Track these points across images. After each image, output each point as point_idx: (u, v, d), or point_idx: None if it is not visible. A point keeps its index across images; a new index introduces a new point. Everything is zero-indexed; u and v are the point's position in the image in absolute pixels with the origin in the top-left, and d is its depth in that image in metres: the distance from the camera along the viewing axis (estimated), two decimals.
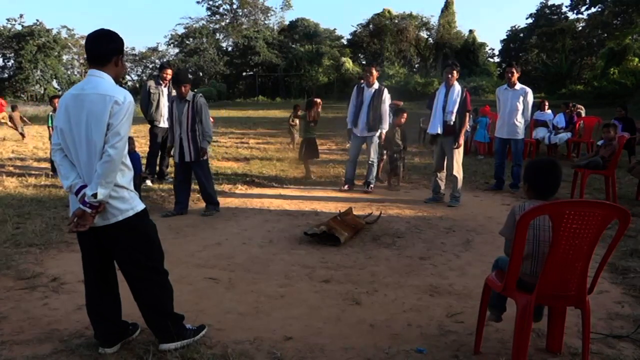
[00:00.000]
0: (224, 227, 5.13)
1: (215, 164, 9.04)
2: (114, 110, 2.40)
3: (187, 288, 3.56)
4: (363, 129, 6.70)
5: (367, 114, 6.65)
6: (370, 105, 6.64)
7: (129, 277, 2.66)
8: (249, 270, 3.92)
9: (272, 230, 5.00)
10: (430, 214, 5.67)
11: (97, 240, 2.59)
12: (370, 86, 6.68)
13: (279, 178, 7.76)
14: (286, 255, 4.30)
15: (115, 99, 2.41)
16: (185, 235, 4.85)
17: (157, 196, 6.34)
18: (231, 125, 16.37)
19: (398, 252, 4.39)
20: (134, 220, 2.59)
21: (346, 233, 4.62)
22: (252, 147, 11.46)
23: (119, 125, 2.40)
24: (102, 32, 2.51)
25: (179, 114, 5.28)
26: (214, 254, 4.29)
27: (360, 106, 6.67)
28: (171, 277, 3.70)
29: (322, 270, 3.94)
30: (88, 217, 2.46)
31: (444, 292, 3.53)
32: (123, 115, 2.41)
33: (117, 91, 2.44)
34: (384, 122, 6.76)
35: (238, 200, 6.30)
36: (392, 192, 6.93)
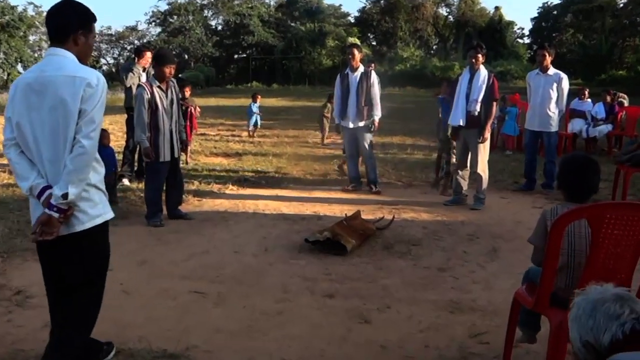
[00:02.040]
0: (212, 233, 5.13)
1: (203, 160, 9.06)
2: (86, 93, 2.28)
3: (169, 303, 3.56)
4: (354, 119, 6.72)
5: (356, 101, 6.67)
6: (358, 91, 6.67)
7: (66, 293, 2.47)
8: (241, 283, 3.92)
9: (267, 237, 5.00)
10: (450, 218, 5.67)
11: (56, 250, 2.42)
12: (355, 70, 6.71)
13: (276, 177, 7.76)
14: (284, 265, 4.30)
15: (88, 81, 2.29)
16: (167, 242, 4.85)
17: (135, 197, 6.36)
18: (221, 115, 16.38)
19: (413, 262, 4.39)
20: (99, 230, 2.45)
21: (353, 240, 4.63)
22: (245, 140, 11.47)
23: (93, 112, 2.30)
24: (61, 2, 2.38)
25: (167, 102, 5.27)
26: (201, 264, 4.29)
27: (347, 94, 6.70)
28: (151, 290, 3.76)
29: (326, 283, 3.94)
30: (55, 223, 2.31)
31: (466, 308, 3.53)
32: (97, 99, 2.31)
33: (87, 72, 2.33)
34: (376, 108, 6.77)
35: (228, 202, 6.31)
36: (406, 192, 6.93)
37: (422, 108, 17.19)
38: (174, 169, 5.46)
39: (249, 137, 11.51)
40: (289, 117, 16.51)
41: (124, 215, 5.58)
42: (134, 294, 3.70)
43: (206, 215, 5.73)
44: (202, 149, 10.12)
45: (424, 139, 11.37)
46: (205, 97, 23.08)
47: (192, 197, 6.35)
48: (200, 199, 6.38)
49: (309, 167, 8.52)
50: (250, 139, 11.61)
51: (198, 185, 6.97)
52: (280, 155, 9.52)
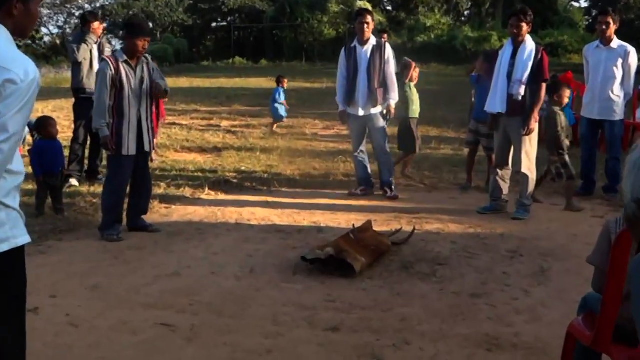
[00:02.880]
0: (184, 249, 5.14)
1: (172, 157, 9.09)
2: (5, 91, 2.10)
3: (129, 339, 3.56)
4: (365, 104, 6.75)
5: (368, 82, 6.70)
6: (369, 69, 6.69)
7: None
8: (221, 314, 3.92)
9: (254, 255, 5.01)
10: (486, 231, 5.68)
11: None
12: (365, 43, 6.73)
13: (265, 178, 7.78)
14: (275, 291, 4.30)
15: (9, 77, 2.11)
16: (127, 261, 4.86)
17: (86, 203, 6.37)
18: (195, 99, 16.42)
19: (440, 286, 4.39)
20: (7, 259, 2.28)
21: (363, 258, 4.63)
22: (226, 131, 11.51)
23: (10, 116, 2.10)
24: None
25: (136, 82, 5.30)
26: (170, 289, 4.30)
27: (355, 74, 6.72)
28: (106, 322, 3.76)
29: (328, 312, 3.94)
30: None
31: (506, 345, 3.53)
32: (20, 100, 2.13)
33: (14, 60, 2.15)
34: (393, 90, 6.80)
35: (204, 210, 6.32)
36: (430, 197, 6.94)
37: (450, 90, 17.22)
38: (142, 167, 5.48)
39: (272, 132, 11.36)
40: None
41: (71, 226, 5.61)
42: (84, 327, 3.70)
43: (176, 227, 5.74)
44: (171, 142, 10.15)
45: (453, 129, 11.39)
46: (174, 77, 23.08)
47: (158, 203, 6.37)
48: (168, 206, 6.40)
49: (306, 165, 8.55)
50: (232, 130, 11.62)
51: (166, 189, 6.99)
52: (271, 151, 9.55)
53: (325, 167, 8.45)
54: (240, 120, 12.83)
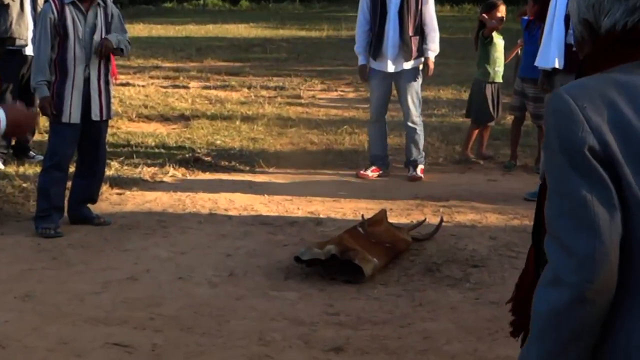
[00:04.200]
0: (143, 247, 5.15)
1: (126, 128, 9.09)
2: None
3: None
4: (395, 57, 6.75)
5: (400, 28, 6.68)
6: (402, 11, 6.66)
7: None
8: (191, 330, 3.93)
9: (234, 254, 5.03)
10: None
11: None
12: None
13: (247, 155, 7.79)
14: (261, 300, 4.32)
15: None
16: (68, 262, 4.87)
17: (14, 189, 6.37)
18: (155, 53, 16.32)
19: (474, 294, 4.42)
20: None
21: (375, 259, 4.65)
22: (195, 95, 11.48)
23: None
24: None
25: (86, 30, 5.30)
26: (124, 299, 4.31)
27: (383, 17, 6.72)
28: (42, 341, 3.75)
29: (330, 328, 3.96)
30: None
31: None
32: None
33: None
34: (432, 39, 6.80)
35: (168, 196, 6.34)
36: (463, 179, 6.95)
37: None
38: (93, 140, 5.48)
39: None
40: (267, 55, 16.48)
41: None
42: (13, 348, 3.71)
43: (132, 218, 5.76)
44: (125, 109, 10.10)
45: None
46: (128, 23, 22.93)
47: (108, 188, 6.38)
48: (121, 192, 6.41)
49: (301, 138, 8.57)
50: (204, 94, 11.58)
51: (118, 170, 7.00)
52: (254, 120, 9.53)
53: (325, 140, 8.46)
54: (215, 80, 12.76)
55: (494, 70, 7.48)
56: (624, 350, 1.43)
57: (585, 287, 1.39)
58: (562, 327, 1.43)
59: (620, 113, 1.44)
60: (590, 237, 1.39)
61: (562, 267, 1.42)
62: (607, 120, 1.44)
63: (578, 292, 1.39)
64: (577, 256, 1.40)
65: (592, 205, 1.39)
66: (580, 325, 1.42)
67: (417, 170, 6.94)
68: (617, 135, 1.43)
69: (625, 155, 1.42)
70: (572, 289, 1.40)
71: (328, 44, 18.36)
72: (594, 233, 1.39)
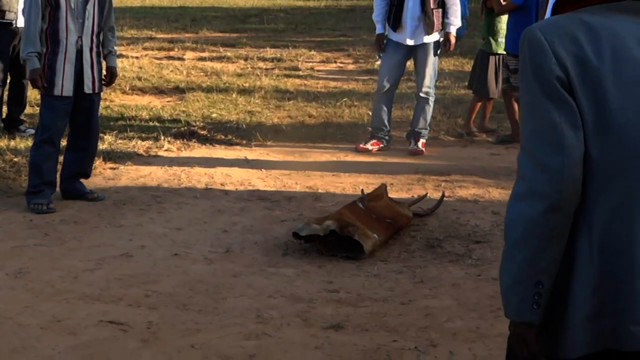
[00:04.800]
0: (137, 223, 5.16)
1: (119, 101, 9.07)
2: None
3: (65, 341, 3.58)
4: (414, 29, 6.73)
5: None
6: None
7: None
8: (187, 308, 3.94)
9: (230, 230, 5.03)
10: None
11: None
12: None
13: (244, 128, 7.78)
14: (258, 277, 4.33)
15: None
16: (61, 239, 4.87)
17: (4, 163, 6.35)
18: (149, 23, 16.23)
19: (477, 271, 4.43)
20: None
21: (375, 235, 4.66)
22: (191, 67, 11.44)
23: None
24: None
25: (77, 3, 5.27)
26: (119, 276, 4.31)
27: None
28: (35, 319, 3.74)
29: (329, 305, 3.97)
30: None
31: None
32: None
33: None
34: (454, 13, 6.78)
35: (163, 171, 6.34)
36: (465, 153, 6.96)
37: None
38: (86, 113, 5.48)
39: None
40: (264, 26, 16.39)
41: None
42: (6, 326, 3.72)
43: (126, 193, 5.76)
44: (118, 81, 9.94)
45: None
46: None
47: (101, 162, 6.37)
48: (115, 167, 6.41)
49: (299, 111, 8.55)
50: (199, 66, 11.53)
51: (111, 144, 6.99)
52: (251, 92, 9.50)
53: (324, 113, 8.44)
54: (211, 52, 12.72)
55: (497, 41, 7.46)
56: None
57: (555, 197, 1.64)
58: (537, 234, 1.67)
59: (582, 50, 1.67)
60: (559, 154, 1.64)
61: (535, 181, 1.67)
62: (571, 54, 1.67)
63: (550, 202, 1.64)
64: (548, 171, 1.65)
65: (560, 127, 1.65)
66: (551, 231, 1.66)
67: (418, 143, 6.95)
68: (578, 69, 1.66)
69: (583, 86, 1.66)
70: (545, 199, 1.65)
71: (327, 14, 18.27)
72: (563, 151, 1.64)
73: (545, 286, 1.69)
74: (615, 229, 1.68)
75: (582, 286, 1.69)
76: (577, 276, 1.69)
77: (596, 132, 1.66)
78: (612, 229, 1.68)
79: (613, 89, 1.65)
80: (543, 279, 1.69)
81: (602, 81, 1.65)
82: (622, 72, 1.66)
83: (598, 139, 1.66)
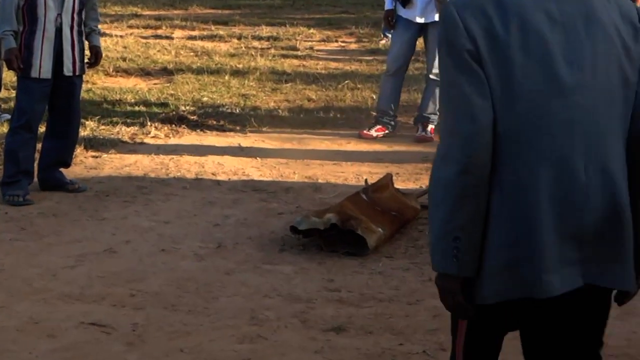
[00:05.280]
0: (122, 216, 5.15)
1: (102, 83, 9.05)
2: None
3: (44, 345, 3.56)
4: (425, 5, 6.73)
5: None
6: None
7: None
8: (175, 308, 3.94)
9: (222, 224, 5.03)
10: None
11: None
12: None
13: (238, 113, 7.77)
14: (253, 274, 4.32)
15: None
16: (39, 233, 4.87)
17: None
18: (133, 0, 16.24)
19: None
20: None
21: (379, 229, 4.64)
22: (179, 47, 11.43)
23: None
24: None
25: None
26: (101, 274, 4.31)
27: None
28: (11, 320, 3.73)
29: (330, 306, 3.96)
30: None
31: None
32: None
33: None
34: None
35: (150, 160, 6.33)
36: None
37: None
38: (66, 97, 5.44)
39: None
40: (259, 2, 16.36)
41: None
42: None
43: (109, 184, 5.75)
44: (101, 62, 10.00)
45: None
46: None
47: (82, 150, 6.36)
48: (97, 155, 6.39)
49: (297, 94, 8.53)
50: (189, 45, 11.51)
51: (93, 130, 6.97)
52: (246, 74, 9.47)
53: (324, 97, 8.40)
54: (201, 30, 12.71)
55: None
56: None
57: (466, 161, 1.92)
58: (452, 195, 1.95)
59: (491, 23, 1.92)
60: (470, 122, 1.92)
61: (450, 146, 1.96)
62: (481, 28, 1.92)
63: (461, 166, 1.92)
64: (460, 137, 1.93)
65: (470, 97, 1.92)
66: (464, 191, 1.94)
67: (427, 130, 6.93)
68: (487, 41, 1.92)
69: (491, 57, 1.91)
70: (457, 163, 1.93)
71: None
72: (473, 119, 1.92)
73: (463, 241, 1.96)
74: (523, 187, 1.95)
75: (497, 239, 1.97)
76: (492, 230, 1.97)
77: (504, 100, 1.93)
78: (520, 187, 1.95)
79: (519, 60, 1.91)
80: (461, 235, 1.95)
81: (509, 52, 1.91)
82: (528, 43, 1.92)
83: (506, 107, 1.93)
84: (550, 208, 1.96)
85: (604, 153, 2.00)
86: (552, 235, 1.96)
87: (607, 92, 2.00)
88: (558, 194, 1.96)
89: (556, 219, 1.96)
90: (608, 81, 2.00)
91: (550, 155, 1.95)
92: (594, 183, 1.98)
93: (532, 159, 1.95)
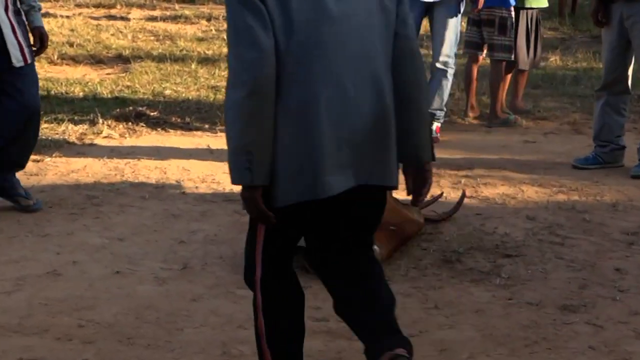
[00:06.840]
0: (67, 232, 5.16)
1: (45, 72, 9.04)
2: None
3: None
4: None
5: None
6: None
7: None
8: (132, 341, 3.93)
9: (189, 241, 5.05)
10: (586, 198, 5.73)
11: None
12: None
13: (207, 110, 7.84)
14: (224, 300, 4.34)
15: None
16: None
17: None
18: None
19: (506, 292, 4.43)
20: None
21: (375, 246, 4.57)
22: (137, 30, 11.47)
23: None
24: None
25: None
26: (43, 300, 4.30)
27: None
28: None
29: (316, 338, 3.98)
30: None
31: None
32: None
33: None
34: None
35: (102, 164, 6.36)
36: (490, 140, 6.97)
37: None
38: (15, 89, 5.39)
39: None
40: None
41: None
42: None
43: (53, 193, 5.77)
44: None
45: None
46: None
47: None
48: (39, 158, 6.40)
49: None
50: (148, 27, 11.52)
51: None
52: (216, 62, 9.56)
53: None
54: (163, 9, 12.73)
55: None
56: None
57: (252, 83, 2.62)
58: (241, 114, 2.66)
59: None
60: (254, 50, 2.62)
61: (238, 72, 2.66)
62: None
63: (248, 88, 2.62)
64: (246, 63, 2.63)
65: (254, 29, 2.62)
66: (251, 110, 2.64)
67: (432, 128, 6.92)
68: None
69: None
70: (245, 86, 2.62)
71: None
72: (256, 47, 2.62)
73: (255, 154, 2.66)
74: (305, 105, 2.70)
75: (284, 149, 2.71)
76: (280, 142, 2.69)
77: (283, 31, 2.66)
78: (302, 106, 2.70)
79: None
80: (252, 149, 2.66)
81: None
82: None
83: (285, 36, 2.66)
84: (328, 121, 2.70)
85: (371, 70, 2.78)
86: (330, 144, 2.70)
87: (368, 18, 2.76)
88: (334, 109, 2.71)
89: (333, 129, 2.70)
90: (368, 9, 2.76)
91: (325, 76, 2.70)
92: (362, 96, 2.75)
93: (311, 79, 2.70)
